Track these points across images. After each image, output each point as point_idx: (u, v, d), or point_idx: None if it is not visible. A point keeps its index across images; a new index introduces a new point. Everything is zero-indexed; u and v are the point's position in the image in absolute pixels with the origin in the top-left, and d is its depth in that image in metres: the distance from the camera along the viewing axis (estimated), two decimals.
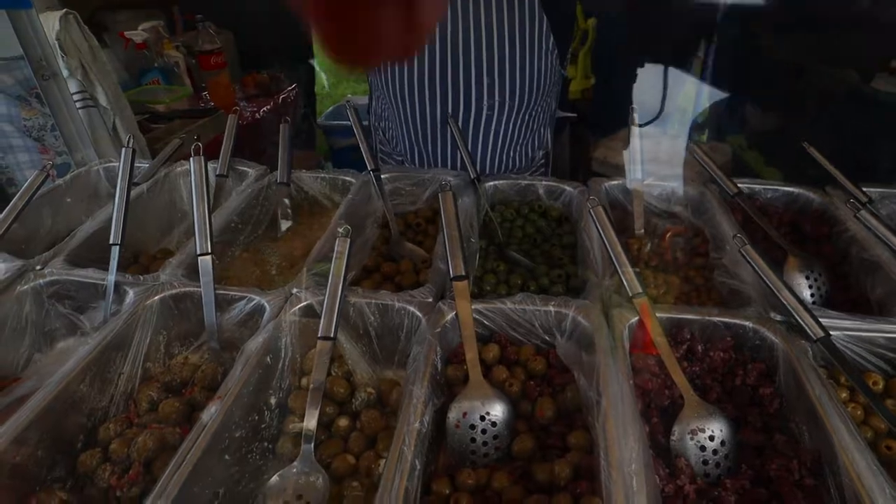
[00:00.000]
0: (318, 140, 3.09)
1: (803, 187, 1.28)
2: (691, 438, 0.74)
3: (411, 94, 1.38)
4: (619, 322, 0.86)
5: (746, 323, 0.88)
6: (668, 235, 1.15)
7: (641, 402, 0.79)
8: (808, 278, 1.02)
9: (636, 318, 0.86)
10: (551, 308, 0.87)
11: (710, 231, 1.15)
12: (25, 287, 0.98)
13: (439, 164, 1.49)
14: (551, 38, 1.34)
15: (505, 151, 1.47)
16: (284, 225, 1.21)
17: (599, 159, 2.62)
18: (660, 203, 1.29)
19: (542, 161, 1.59)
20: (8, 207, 1.07)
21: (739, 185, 1.23)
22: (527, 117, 1.43)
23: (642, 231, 1.20)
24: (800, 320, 0.84)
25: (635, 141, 1.27)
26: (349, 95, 3.98)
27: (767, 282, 0.88)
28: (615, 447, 0.65)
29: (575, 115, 1.96)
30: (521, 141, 1.48)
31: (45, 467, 0.75)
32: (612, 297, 0.91)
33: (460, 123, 1.39)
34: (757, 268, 0.91)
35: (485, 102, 1.36)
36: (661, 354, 0.81)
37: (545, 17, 1.31)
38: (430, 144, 1.46)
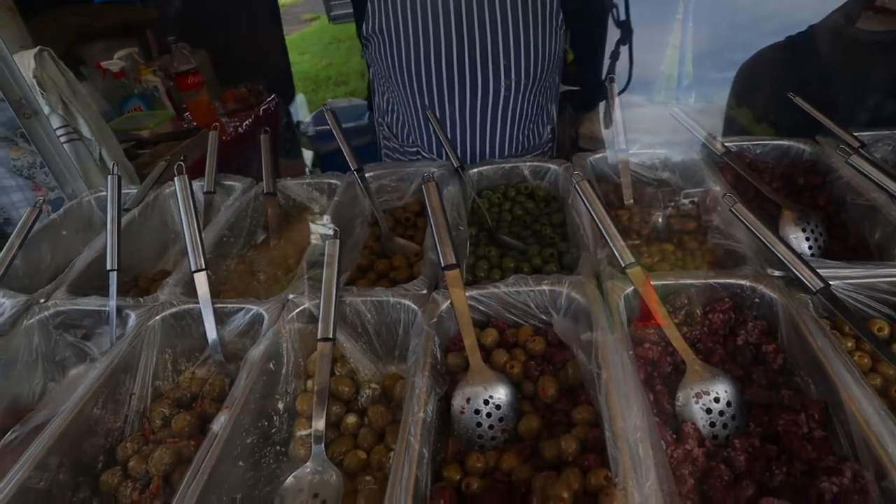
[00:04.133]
0: (303, 147, 3.10)
1: (793, 139, 1.27)
2: (696, 402, 0.74)
3: (427, 80, 1.34)
4: (614, 294, 0.86)
5: (744, 282, 0.88)
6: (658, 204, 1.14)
7: (644, 372, 0.79)
8: (804, 231, 1.02)
9: (631, 289, 0.86)
10: (545, 287, 0.87)
11: (701, 194, 1.14)
12: (32, 320, 0.99)
13: (459, 150, 1.46)
14: (560, 15, 1.33)
15: (520, 130, 1.46)
16: (275, 234, 1.22)
17: (586, 135, 2.60)
18: (647, 172, 1.29)
19: (550, 137, 1.58)
20: (6, 246, 1.08)
21: (727, 143, 1.22)
22: (536, 94, 1.42)
23: (631, 201, 1.20)
24: (797, 273, 0.84)
25: (616, 112, 1.26)
26: (328, 100, 3.99)
27: (761, 238, 0.88)
28: (619, 418, 0.65)
29: (577, 88, 1.94)
30: (532, 118, 1.47)
31: (69, 490, 0.77)
32: (606, 269, 0.92)
33: (478, 105, 1.37)
34: (749, 225, 0.91)
35: (502, 83, 1.34)
36: (659, 321, 0.81)
37: None
38: (448, 131, 1.43)
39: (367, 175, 1.23)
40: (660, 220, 1.13)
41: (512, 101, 1.39)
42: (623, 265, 0.87)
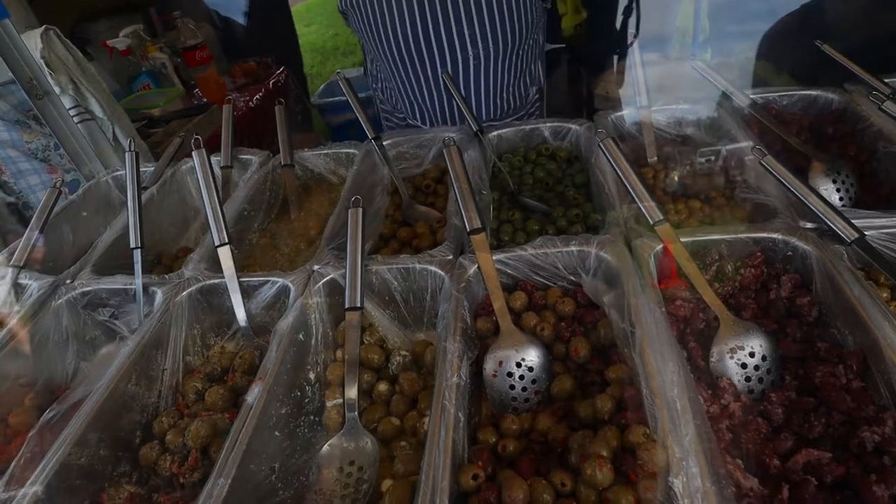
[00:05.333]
0: (314, 120, 3.06)
1: (820, 89, 1.22)
2: (731, 357, 0.73)
3: (399, 51, 1.37)
4: (643, 252, 0.84)
5: (775, 235, 0.86)
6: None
7: (676, 329, 0.79)
8: (834, 182, 0.99)
9: (660, 246, 0.85)
10: (573, 248, 0.86)
11: (727, 148, 1.11)
12: (60, 301, 1.00)
13: (438, 118, 1.49)
14: None
15: (498, 95, 1.46)
16: (295, 206, 1.21)
17: (602, 95, 2.54)
18: (670, 128, 1.25)
19: (537, 97, 1.57)
20: (28, 229, 1.09)
21: (752, 95, 1.18)
22: (514, 58, 1.42)
23: (655, 159, 1.17)
24: (831, 224, 0.81)
25: (637, 69, 1.22)
26: (339, 70, 3.91)
27: (793, 190, 0.85)
28: (655, 375, 0.65)
29: (563, 45, 1.90)
30: (512, 82, 1.47)
31: (109, 464, 0.79)
32: (633, 228, 0.90)
33: (459, 75, 1.38)
34: (780, 177, 0.88)
35: (469, 52, 1.35)
36: (691, 278, 0.79)
37: None
38: (426, 99, 1.46)
39: (384, 143, 1.21)
40: (685, 176, 1.10)
41: (484, 69, 1.40)
42: (652, 223, 0.85)
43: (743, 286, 0.85)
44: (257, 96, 2.31)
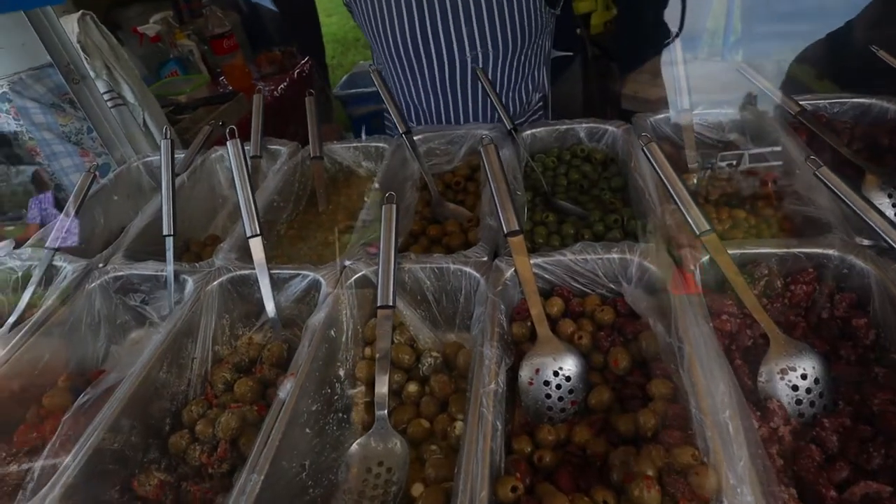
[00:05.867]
0: (335, 111, 3.04)
1: (875, 97, 1.17)
2: (781, 378, 0.70)
3: (397, 48, 1.35)
4: (689, 262, 0.81)
5: (830, 251, 0.82)
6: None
7: (721, 345, 0.75)
8: (890, 196, 0.94)
9: (706, 257, 0.82)
10: (615, 255, 0.83)
11: (775, 157, 1.07)
12: (93, 285, 1.00)
13: (434, 121, 1.47)
14: None
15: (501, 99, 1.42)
16: (324, 199, 1.20)
17: (629, 95, 2.47)
18: (712, 133, 1.21)
19: (540, 104, 1.54)
20: (63, 212, 1.09)
21: (801, 101, 1.14)
22: (516, 63, 1.39)
23: (695, 164, 1.13)
24: (892, 242, 0.77)
25: (679, 69, 1.18)
26: (361, 62, 3.88)
27: (851, 204, 0.81)
28: (705, 394, 0.62)
29: (570, 53, 1.86)
30: (513, 87, 1.44)
31: (140, 451, 0.79)
32: (675, 237, 0.87)
33: (447, 75, 1.36)
34: (836, 190, 0.84)
35: (468, 54, 1.32)
36: (739, 292, 0.76)
37: None
38: (422, 101, 1.44)
39: (415, 138, 1.19)
40: (728, 184, 1.06)
41: (489, 73, 1.37)
42: (698, 232, 0.82)
43: (793, 303, 0.81)
44: (282, 86, 2.30)
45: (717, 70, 1.89)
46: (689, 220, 0.83)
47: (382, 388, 0.77)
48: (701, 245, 0.81)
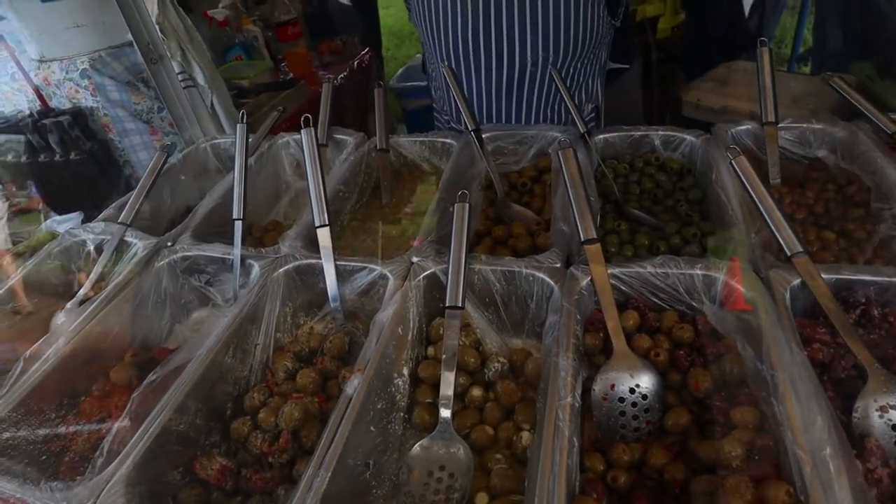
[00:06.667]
0: (389, 103, 3.04)
1: None
2: (880, 416, 0.65)
3: (456, 51, 1.33)
4: (779, 285, 0.77)
5: None
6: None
7: None
8: None
9: (798, 280, 0.77)
10: (698, 271, 0.79)
11: (870, 178, 1.00)
12: (162, 263, 1.02)
13: (484, 122, 1.43)
14: None
15: (549, 106, 1.41)
16: (388, 192, 1.19)
17: (692, 102, 2.39)
18: (797, 148, 1.15)
19: (592, 115, 1.50)
20: (137, 188, 1.12)
21: None
22: (572, 70, 1.36)
23: (778, 180, 1.07)
24: None
25: (767, 79, 1.12)
26: (416, 55, 3.88)
27: None
28: (801, 427, 0.58)
29: (626, 66, 1.81)
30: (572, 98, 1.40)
31: (203, 434, 0.79)
32: (763, 257, 0.82)
33: (504, 79, 1.34)
34: None
35: (528, 58, 1.30)
36: (834, 320, 0.71)
37: None
38: (477, 103, 1.41)
39: (483, 136, 1.17)
40: (816, 203, 1.00)
41: (540, 77, 1.34)
42: (789, 254, 0.77)
43: (890, 335, 0.76)
44: (342, 75, 2.31)
45: (791, 81, 1.80)
46: (781, 239, 0.78)
47: (448, 389, 0.76)
48: (791, 267, 0.77)
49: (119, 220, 1.07)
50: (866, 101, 1.12)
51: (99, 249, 1.09)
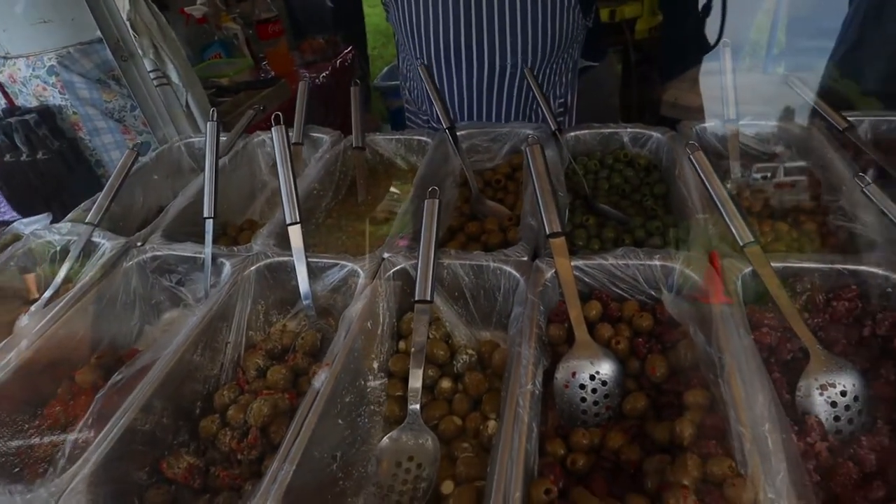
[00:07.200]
0: (373, 102, 3.05)
1: None
2: (820, 394, 0.69)
3: (436, 53, 1.36)
4: (731, 273, 0.80)
5: (876, 269, 0.80)
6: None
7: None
8: None
9: (749, 269, 0.81)
10: (656, 262, 0.83)
11: (821, 172, 1.05)
12: (131, 263, 1.02)
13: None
14: None
15: (526, 105, 1.45)
16: (363, 190, 1.21)
17: (670, 102, 2.45)
18: (757, 144, 1.19)
19: (560, 110, 1.54)
20: (105, 188, 1.11)
21: (850, 118, 1.11)
22: (547, 70, 1.41)
23: (738, 175, 1.12)
24: None
25: (728, 78, 1.16)
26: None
27: None
28: (744, 406, 0.61)
29: (596, 63, 1.87)
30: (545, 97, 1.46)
31: (170, 433, 0.80)
32: (719, 246, 0.86)
33: (482, 79, 1.37)
34: (885, 209, 0.83)
35: (506, 60, 1.34)
36: (781, 306, 0.75)
37: None
38: (456, 103, 1.44)
39: (458, 134, 1.19)
40: (772, 196, 1.05)
41: (518, 79, 1.39)
42: (742, 244, 0.81)
43: (833, 319, 0.80)
44: (324, 74, 2.31)
45: (763, 81, 1.85)
46: (734, 230, 0.82)
47: (416, 382, 0.78)
48: (744, 256, 0.81)
49: (86, 221, 1.07)
50: (822, 100, 1.17)
51: (65, 251, 1.08)
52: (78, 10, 1.31)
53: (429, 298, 0.83)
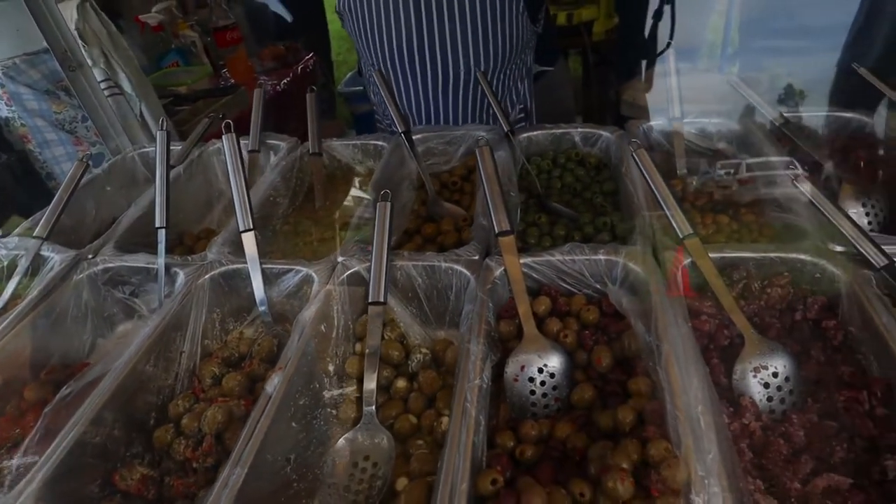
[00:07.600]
0: (338, 108, 3.05)
1: (855, 111, 1.21)
2: (754, 376, 0.73)
3: (391, 61, 1.39)
4: (672, 265, 0.83)
5: (804, 256, 0.85)
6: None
7: (700, 344, 0.78)
8: (864, 206, 0.98)
9: (688, 260, 0.84)
10: (601, 256, 0.86)
11: (759, 165, 1.10)
12: (81, 276, 1.00)
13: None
14: (521, 1, 1.33)
15: (482, 109, 1.49)
16: (321, 196, 1.21)
17: (628, 102, 2.52)
18: (701, 141, 1.24)
19: (521, 115, 1.59)
20: (54, 201, 1.09)
21: (786, 114, 1.17)
22: (502, 76, 1.45)
23: (685, 171, 1.16)
24: (861, 249, 0.81)
25: (672, 79, 1.21)
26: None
27: (824, 212, 0.85)
28: (679, 390, 0.64)
29: (552, 68, 1.94)
30: (497, 100, 1.50)
31: (123, 445, 0.79)
32: (661, 240, 0.89)
33: (437, 85, 1.41)
34: (812, 199, 0.88)
35: (460, 67, 1.38)
36: (718, 294, 0.79)
37: None
38: (413, 108, 1.47)
39: (414, 137, 1.20)
40: (713, 190, 1.09)
41: (473, 86, 1.43)
42: (681, 236, 0.84)
43: (768, 305, 0.84)
44: (285, 81, 2.30)
45: (710, 82, 1.92)
46: (674, 223, 0.85)
47: (371, 384, 0.79)
48: (684, 248, 0.84)
49: (34, 235, 1.04)
50: (759, 97, 1.23)
51: (13, 266, 1.06)
52: (23, 20, 1.28)
53: (382, 300, 0.84)
